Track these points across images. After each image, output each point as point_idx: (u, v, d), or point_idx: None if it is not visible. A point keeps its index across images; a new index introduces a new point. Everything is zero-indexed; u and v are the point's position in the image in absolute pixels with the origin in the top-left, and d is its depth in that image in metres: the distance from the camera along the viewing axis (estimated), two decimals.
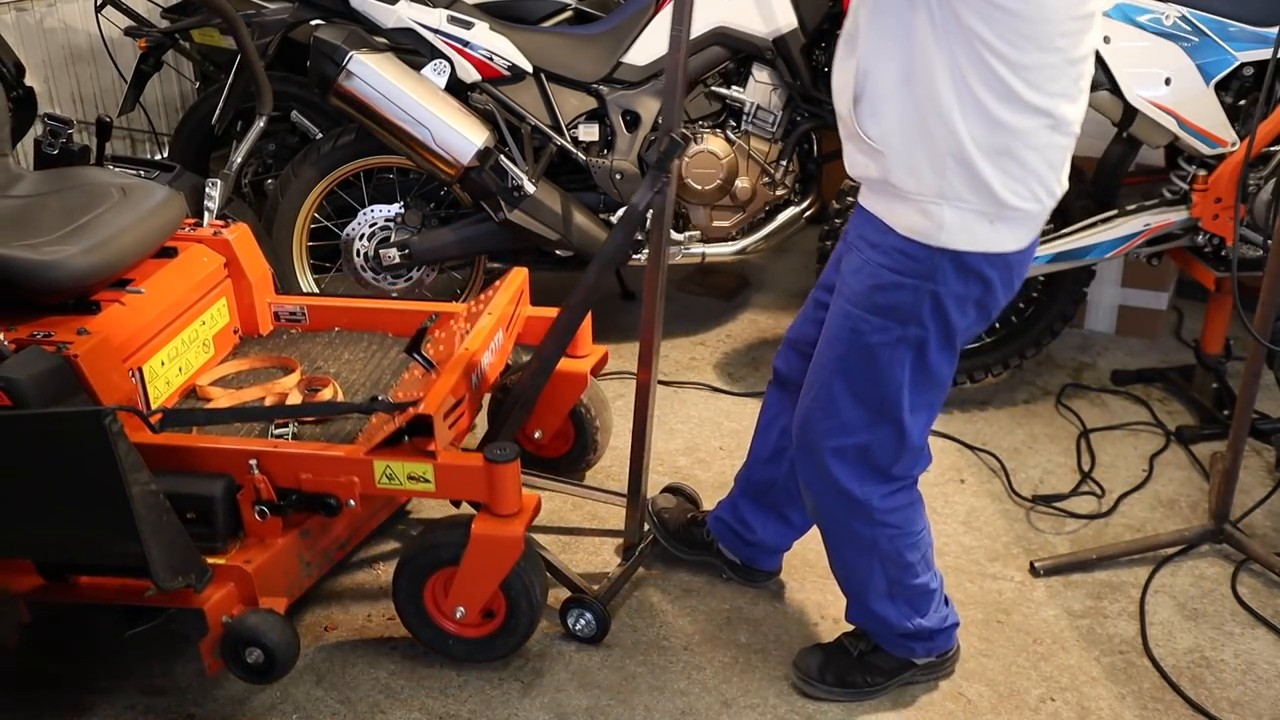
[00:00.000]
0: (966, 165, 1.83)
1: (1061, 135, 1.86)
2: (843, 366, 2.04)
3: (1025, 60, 1.76)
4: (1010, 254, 1.93)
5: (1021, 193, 1.86)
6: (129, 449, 1.87)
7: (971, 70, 1.77)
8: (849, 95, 1.93)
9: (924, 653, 2.26)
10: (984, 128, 1.80)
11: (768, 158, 3.44)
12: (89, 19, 4.07)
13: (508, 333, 2.62)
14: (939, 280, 1.92)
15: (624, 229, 2.25)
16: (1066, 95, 1.83)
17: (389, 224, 3.38)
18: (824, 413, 2.08)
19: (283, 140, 3.79)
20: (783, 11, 3.31)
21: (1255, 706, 2.25)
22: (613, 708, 2.27)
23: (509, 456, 2.17)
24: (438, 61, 3.21)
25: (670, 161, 2.19)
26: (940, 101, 1.80)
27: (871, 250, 1.98)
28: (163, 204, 2.50)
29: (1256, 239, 2.99)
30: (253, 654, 2.11)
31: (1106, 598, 2.54)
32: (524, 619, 2.28)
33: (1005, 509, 2.85)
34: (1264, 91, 2.46)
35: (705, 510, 2.65)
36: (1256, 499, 2.78)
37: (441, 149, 3.12)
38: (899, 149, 1.88)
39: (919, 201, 1.88)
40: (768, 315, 3.85)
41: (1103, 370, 3.46)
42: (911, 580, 2.18)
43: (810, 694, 2.28)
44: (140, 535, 1.89)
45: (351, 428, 2.39)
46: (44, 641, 2.45)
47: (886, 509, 2.12)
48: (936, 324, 1.97)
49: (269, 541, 2.23)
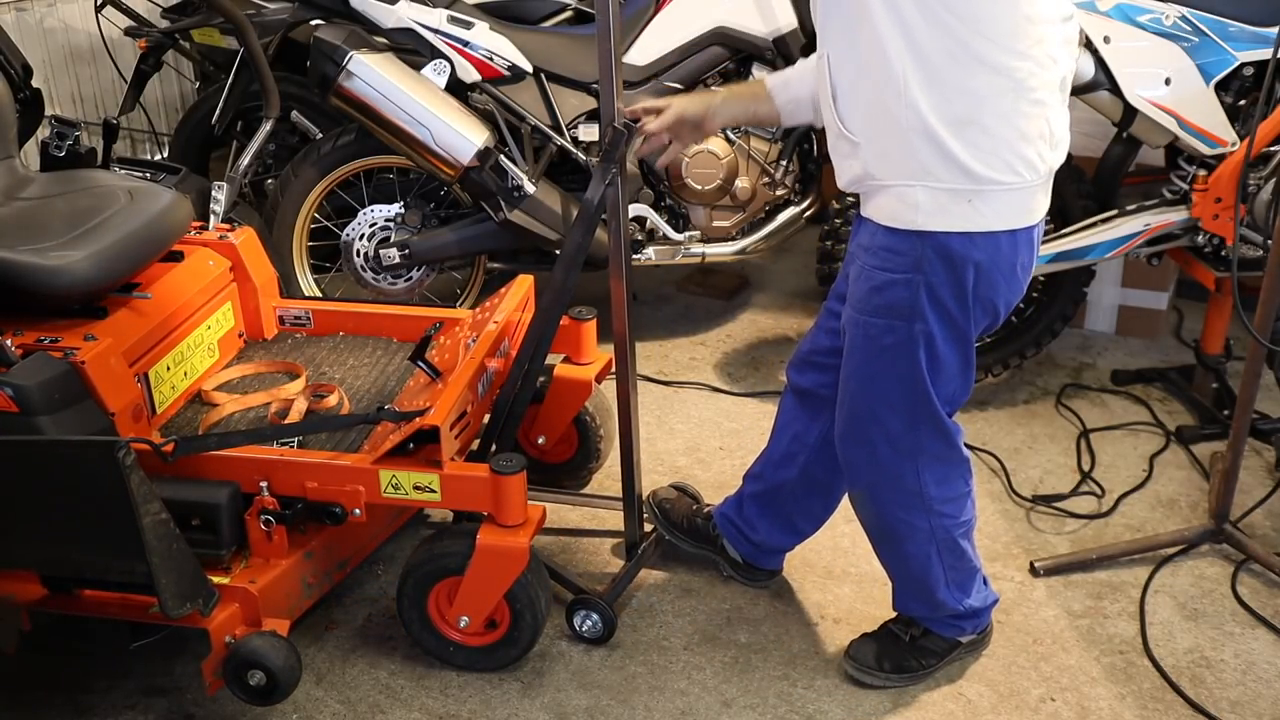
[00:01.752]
0: (932, 140, 1.83)
1: (1027, 103, 1.83)
2: (867, 374, 2.06)
3: (980, 13, 1.76)
4: (999, 234, 1.91)
5: (995, 164, 1.85)
6: (141, 480, 1.87)
7: (928, 35, 1.77)
8: (828, 94, 1.94)
9: (971, 630, 2.31)
10: (942, 96, 1.80)
11: (768, 158, 3.44)
12: (89, 19, 4.07)
13: (513, 342, 2.61)
14: (927, 271, 1.92)
15: (580, 226, 2.25)
16: (1027, 55, 1.80)
17: (389, 224, 3.38)
18: (863, 423, 2.10)
19: (283, 140, 3.79)
20: (783, 11, 3.31)
21: (1255, 706, 2.25)
22: (613, 708, 2.27)
23: (515, 468, 2.17)
24: (438, 61, 3.21)
25: (615, 153, 2.19)
26: (894, 75, 1.80)
27: (865, 254, 1.99)
28: (169, 208, 2.50)
29: (1256, 239, 2.99)
30: (255, 676, 2.10)
31: (1106, 598, 2.54)
32: (527, 631, 2.28)
33: (1005, 509, 2.85)
34: (1264, 91, 2.46)
35: (711, 504, 2.65)
36: (1256, 499, 2.78)
37: (441, 149, 3.12)
38: (870, 136, 1.89)
39: (894, 187, 1.89)
40: (768, 315, 3.85)
41: (1103, 370, 3.46)
42: (965, 565, 2.23)
43: (868, 683, 2.29)
44: (150, 564, 1.89)
45: (355, 435, 2.39)
46: (45, 645, 2.45)
47: (942, 498, 2.15)
48: (937, 315, 1.97)
49: (273, 561, 2.23)
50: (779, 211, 3.58)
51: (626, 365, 2.41)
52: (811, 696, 2.29)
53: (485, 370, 2.41)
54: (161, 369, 2.44)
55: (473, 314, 2.67)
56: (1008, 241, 1.93)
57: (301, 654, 2.40)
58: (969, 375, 2.10)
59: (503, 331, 2.54)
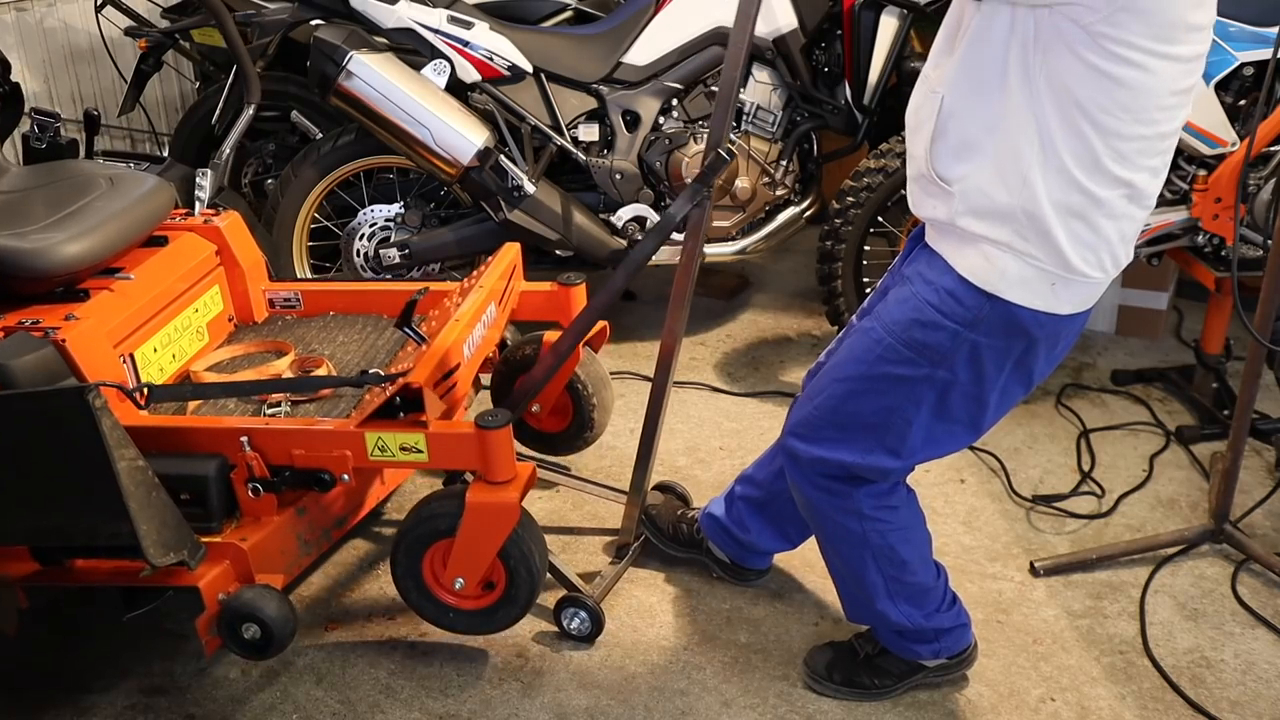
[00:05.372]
0: (1038, 222, 1.78)
1: (1138, 207, 1.81)
2: (857, 388, 2.00)
3: (1121, 130, 1.70)
4: (1061, 317, 1.88)
5: (1090, 260, 1.81)
6: (114, 424, 1.86)
7: (1060, 133, 1.72)
8: (927, 133, 1.88)
9: (930, 654, 2.26)
10: (1062, 189, 1.75)
11: (768, 158, 3.44)
12: (89, 19, 4.07)
13: (500, 306, 2.60)
14: (982, 330, 1.87)
15: (656, 237, 2.27)
16: (1150, 169, 1.78)
17: (389, 224, 3.39)
18: (822, 423, 2.06)
19: (283, 140, 3.79)
20: (783, 11, 3.31)
21: (1255, 706, 2.25)
22: (613, 708, 2.27)
23: (501, 422, 2.14)
24: (438, 61, 3.21)
25: (712, 177, 2.21)
26: (1021, 157, 1.75)
27: (924, 286, 1.92)
28: (151, 192, 2.51)
29: (1256, 239, 2.99)
30: (250, 629, 2.08)
31: (1106, 598, 2.54)
32: (524, 588, 2.25)
33: (1005, 509, 2.85)
34: (1264, 91, 2.45)
35: (696, 509, 2.65)
36: (1256, 499, 2.78)
37: (441, 149, 3.12)
38: (972, 194, 1.82)
39: (983, 245, 1.83)
40: (768, 315, 3.85)
41: (1103, 370, 3.46)
42: (909, 578, 2.17)
43: (819, 691, 2.28)
44: (129, 511, 1.88)
45: (344, 406, 2.39)
46: (44, 635, 2.45)
47: (874, 505, 2.11)
48: (968, 373, 1.92)
49: (265, 520, 2.23)
50: (779, 211, 3.58)
51: (667, 374, 2.41)
52: (811, 696, 2.29)
53: (471, 334, 2.40)
54: (148, 350, 2.45)
55: (461, 285, 2.67)
56: (1068, 323, 1.90)
57: (301, 654, 2.41)
58: (965, 437, 2.04)
59: (489, 296, 2.52)
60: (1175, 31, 1.64)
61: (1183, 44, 1.66)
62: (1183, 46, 1.67)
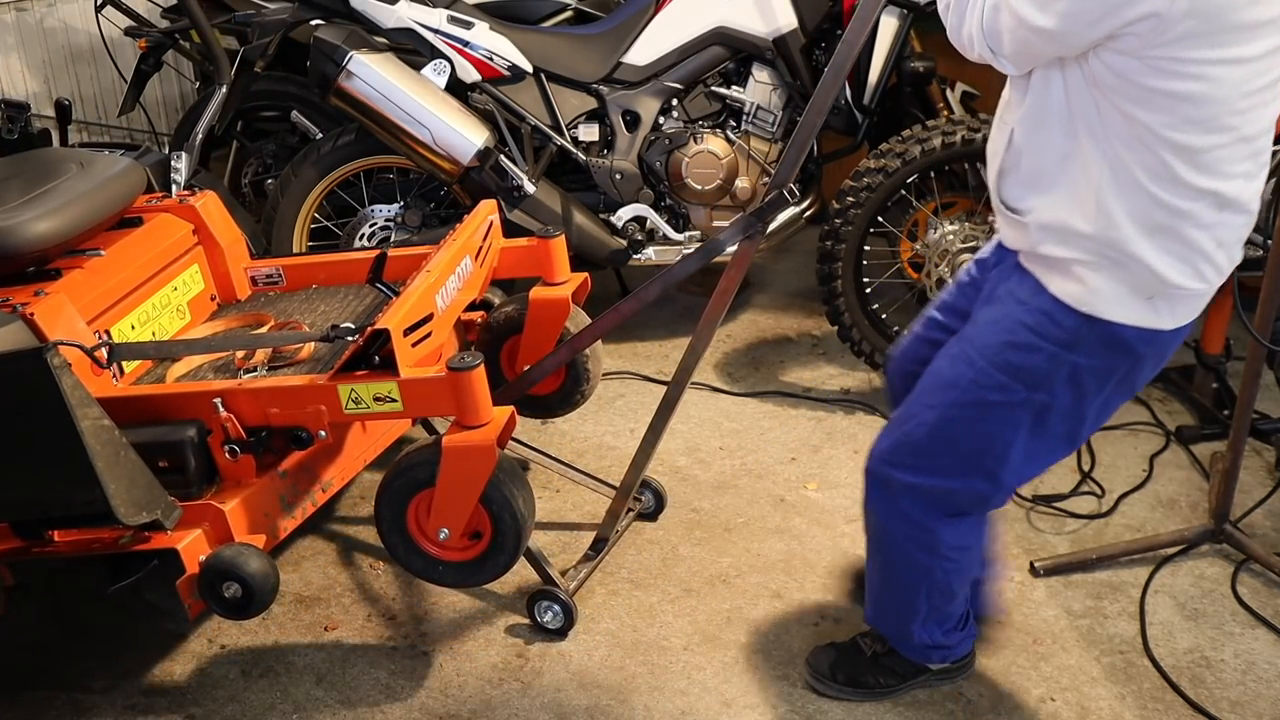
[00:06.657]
0: (1122, 245, 1.73)
1: (1233, 213, 1.73)
2: (950, 415, 1.93)
3: (1192, 143, 1.65)
4: (1165, 332, 1.81)
5: (1185, 271, 1.74)
6: (75, 384, 1.85)
7: (1130, 156, 1.68)
8: (996, 165, 1.86)
9: (939, 659, 2.25)
10: (1143, 209, 1.71)
11: (768, 158, 3.44)
12: (89, 19, 4.07)
13: (478, 262, 2.57)
14: (1081, 351, 1.81)
15: (699, 258, 2.33)
16: (1242, 174, 1.70)
17: (389, 224, 3.39)
18: (914, 450, 1.98)
19: (283, 140, 3.79)
20: (783, 11, 3.31)
21: (1255, 706, 2.25)
22: (613, 708, 2.27)
23: (473, 364, 2.10)
24: (438, 61, 3.21)
25: (770, 213, 2.25)
26: (1095, 186, 1.72)
27: (1017, 306, 1.86)
28: (122, 173, 2.52)
29: (1257, 239, 2.98)
30: (230, 588, 2.05)
31: (1106, 598, 2.54)
32: (510, 534, 2.20)
33: (1005, 509, 2.84)
34: None
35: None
36: (1256, 499, 2.78)
37: (441, 149, 3.12)
38: (1049, 224, 1.79)
39: (1075, 267, 1.78)
40: (768, 315, 3.85)
41: None
42: (949, 607, 2.14)
43: (821, 691, 2.28)
44: (96, 471, 1.87)
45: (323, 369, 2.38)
46: (44, 635, 2.45)
47: (953, 545, 2.05)
48: (1068, 395, 1.86)
49: (244, 481, 2.22)
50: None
51: (680, 389, 2.46)
52: (812, 696, 2.29)
53: (443, 284, 2.38)
54: (125, 328, 2.45)
55: (439, 245, 2.66)
56: (1171, 336, 1.83)
57: (301, 654, 2.41)
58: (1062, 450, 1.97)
59: (463, 250, 2.50)
60: (1231, 35, 1.58)
61: (1243, 45, 1.59)
62: (1244, 47, 1.59)
